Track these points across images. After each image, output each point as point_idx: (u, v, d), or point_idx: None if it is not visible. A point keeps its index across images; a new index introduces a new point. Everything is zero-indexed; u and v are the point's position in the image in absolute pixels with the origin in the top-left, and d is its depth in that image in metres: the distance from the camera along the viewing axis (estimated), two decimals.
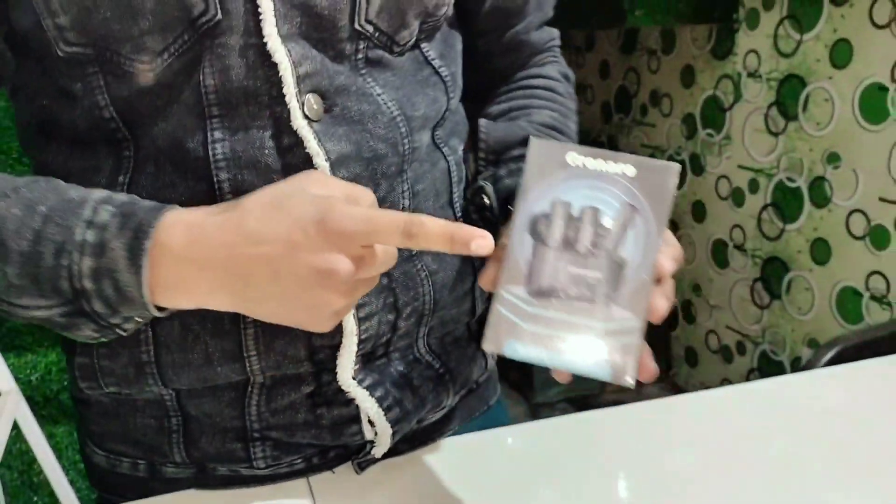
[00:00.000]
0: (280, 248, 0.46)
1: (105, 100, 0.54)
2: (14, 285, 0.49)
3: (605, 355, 0.46)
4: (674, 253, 0.50)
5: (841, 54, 1.91)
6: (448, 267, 0.65)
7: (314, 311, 0.47)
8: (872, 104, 1.84)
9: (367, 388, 0.61)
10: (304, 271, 0.46)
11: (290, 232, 0.45)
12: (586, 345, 0.46)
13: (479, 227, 0.45)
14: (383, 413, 0.61)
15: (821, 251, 2.06)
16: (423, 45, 0.62)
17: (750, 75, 2.23)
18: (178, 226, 0.48)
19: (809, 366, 1.27)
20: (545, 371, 0.47)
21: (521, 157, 0.63)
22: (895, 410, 0.74)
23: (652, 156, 2.74)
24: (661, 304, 0.47)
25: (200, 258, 0.47)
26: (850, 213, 1.95)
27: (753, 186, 2.28)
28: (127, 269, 0.47)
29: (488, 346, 0.46)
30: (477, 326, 0.72)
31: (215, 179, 0.54)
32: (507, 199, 0.63)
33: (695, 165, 2.53)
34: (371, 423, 0.62)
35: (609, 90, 2.97)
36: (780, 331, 2.23)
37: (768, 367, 2.32)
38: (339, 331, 0.58)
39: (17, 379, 1.52)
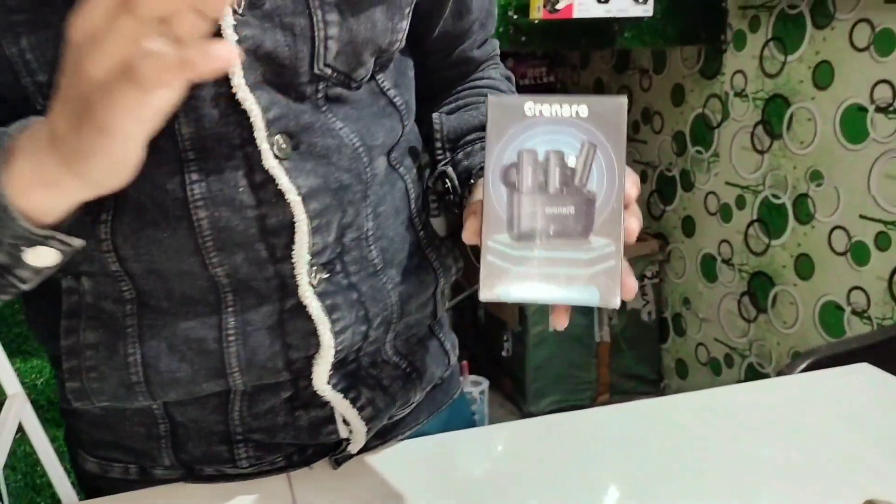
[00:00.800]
0: (68, 80, 0.41)
1: None
2: None
3: (592, 283, 0.49)
4: (634, 179, 0.53)
5: (823, 76, 1.98)
6: (412, 278, 0.70)
7: (107, 110, 0.39)
8: (853, 124, 1.91)
9: (341, 390, 0.66)
10: (73, 72, 0.40)
11: (67, 62, 0.41)
12: (573, 276, 0.49)
13: (441, 212, 0.48)
14: (357, 413, 0.67)
15: (804, 266, 2.12)
16: (378, 77, 0.67)
17: (737, 95, 2.29)
18: (33, 127, 0.46)
19: (785, 374, 1.33)
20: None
21: (475, 141, 0.69)
22: (847, 416, 0.80)
23: (643, 172, 2.80)
24: (633, 224, 0.51)
25: (43, 135, 0.44)
26: (832, 229, 2.01)
27: (740, 203, 2.34)
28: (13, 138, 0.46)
29: (484, 294, 0.50)
30: (439, 326, 0.78)
31: (194, 217, 0.58)
32: (467, 176, 0.67)
33: (685, 181, 2.59)
34: (346, 422, 0.68)
35: None
36: (766, 343, 2.29)
37: (755, 379, 2.36)
38: (314, 342, 0.63)
39: (22, 383, 1.57)
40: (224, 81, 0.55)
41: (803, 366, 1.36)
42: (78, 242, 0.50)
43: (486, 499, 0.65)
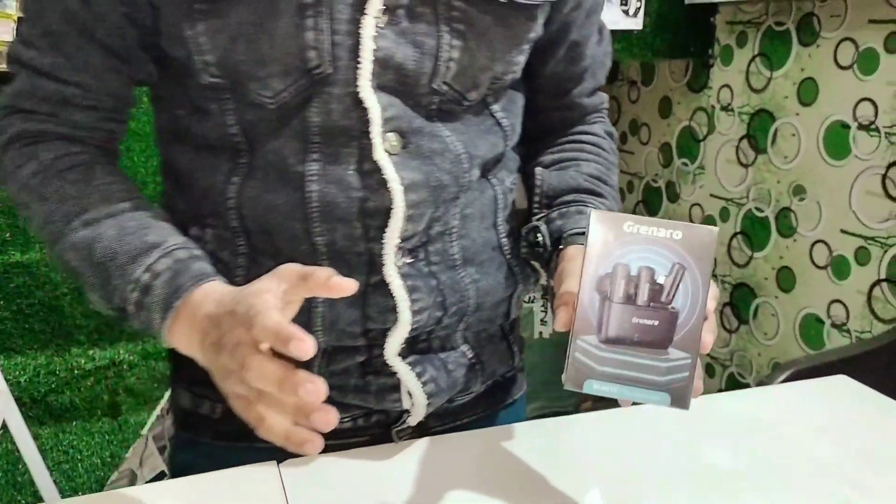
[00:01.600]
0: (216, 331, 0.58)
1: (233, 119, 0.69)
2: (94, 288, 0.66)
3: (666, 389, 0.56)
4: (714, 293, 0.59)
5: (807, 92, 2.02)
6: (490, 278, 0.77)
7: (222, 377, 0.58)
8: (836, 141, 1.95)
9: (409, 364, 0.73)
10: (214, 346, 0.58)
11: (221, 319, 0.59)
12: (649, 381, 0.56)
13: (530, 260, 0.60)
14: (420, 386, 0.74)
15: (786, 279, 2.16)
16: (489, 100, 0.75)
17: (723, 109, 2.33)
18: (200, 298, 0.61)
19: (765, 384, 1.36)
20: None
21: (570, 203, 0.77)
22: (825, 426, 0.82)
23: (630, 183, 2.84)
24: (708, 338, 0.57)
25: (195, 326, 0.61)
26: (814, 243, 2.05)
27: (724, 215, 2.37)
28: (158, 314, 0.62)
29: (569, 385, 0.57)
30: (510, 328, 0.85)
31: (307, 190, 0.68)
32: (558, 237, 0.74)
33: (670, 193, 2.62)
34: (409, 394, 0.74)
35: None
36: (747, 354, 2.32)
37: (735, 389, 2.40)
38: (391, 317, 0.71)
39: (6, 380, 1.57)
40: (352, 82, 0.65)
41: (783, 377, 1.39)
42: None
43: (469, 500, 0.67)
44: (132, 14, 0.67)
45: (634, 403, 0.60)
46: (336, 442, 0.75)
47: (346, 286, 0.54)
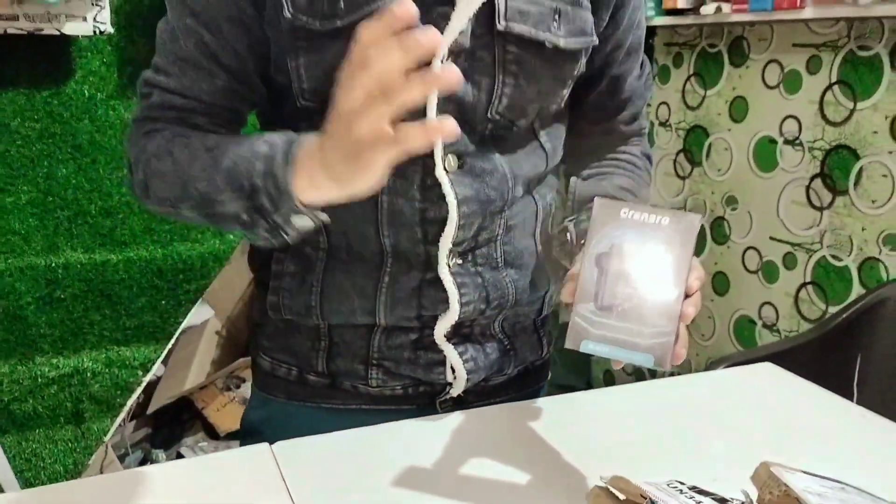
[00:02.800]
0: (336, 110, 0.59)
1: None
2: (219, 187, 0.72)
3: (649, 350, 0.65)
4: (698, 274, 0.68)
5: (738, 109, 2.18)
6: (527, 279, 0.88)
7: (348, 128, 0.59)
8: (764, 154, 2.10)
9: (454, 344, 0.85)
10: (339, 106, 0.59)
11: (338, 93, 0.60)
12: (636, 344, 0.64)
13: (561, 259, 0.69)
14: (462, 363, 0.86)
15: (721, 283, 2.31)
16: (535, 126, 0.85)
17: (661, 125, 2.48)
18: (313, 138, 0.66)
19: None
20: None
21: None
22: (751, 404, 0.94)
23: None
24: (690, 311, 0.66)
25: (315, 151, 0.65)
26: (746, 249, 2.20)
27: None
28: (281, 166, 0.67)
29: (569, 343, 0.65)
30: (541, 322, 0.95)
31: (379, 199, 0.80)
32: (583, 237, 0.83)
33: None
34: (452, 370, 0.86)
35: None
36: (687, 354, 2.46)
37: None
38: (442, 308, 0.83)
39: None
40: (421, 111, 0.75)
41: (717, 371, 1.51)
42: (324, 217, 0.71)
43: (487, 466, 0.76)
44: (252, 44, 0.79)
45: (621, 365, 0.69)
46: (389, 407, 0.88)
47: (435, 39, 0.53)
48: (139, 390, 2.02)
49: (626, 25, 0.88)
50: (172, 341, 1.82)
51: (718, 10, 1.96)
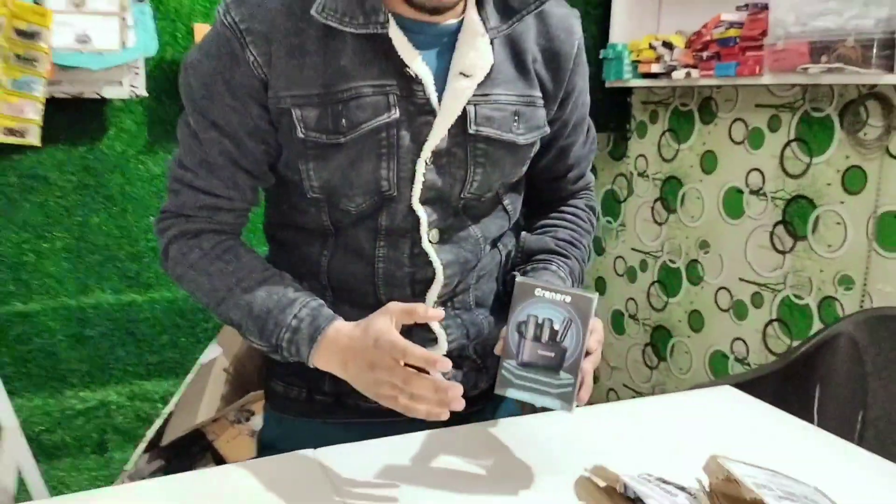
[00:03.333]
0: (361, 357, 0.86)
1: (326, 217, 0.98)
2: (250, 329, 0.94)
3: (557, 398, 0.85)
4: (598, 337, 0.88)
5: (708, 162, 2.39)
6: (494, 314, 1.06)
7: (374, 385, 0.86)
8: (732, 203, 2.31)
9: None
10: (367, 367, 0.86)
11: (366, 349, 0.86)
12: (547, 392, 0.85)
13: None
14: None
15: (696, 321, 2.50)
16: (499, 194, 1.03)
17: (640, 175, 2.69)
18: (333, 334, 0.89)
19: None
20: None
21: (541, 261, 1.06)
22: (709, 419, 1.12)
23: None
24: (588, 366, 0.86)
25: (335, 352, 0.89)
26: (718, 289, 2.39)
27: (643, 266, 2.71)
28: (306, 346, 0.90)
29: (498, 390, 0.86)
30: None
31: (376, 266, 0.98)
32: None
33: (597, 247, 2.96)
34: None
35: None
36: (667, 388, 2.64)
37: None
38: (432, 345, 1.00)
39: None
40: (408, 199, 0.95)
41: None
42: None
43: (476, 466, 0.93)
44: (268, 151, 0.96)
45: (536, 407, 0.89)
46: (384, 420, 1.00)
47: (435, 315, 0.86)
48: (158, 422, 2.17)
49: (571, 108, 1.05)
50: (189, 376, 1.98)
51: (688, 74, 2.19)
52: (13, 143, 1.70)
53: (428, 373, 0.85)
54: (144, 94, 1.91)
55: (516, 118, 0.98)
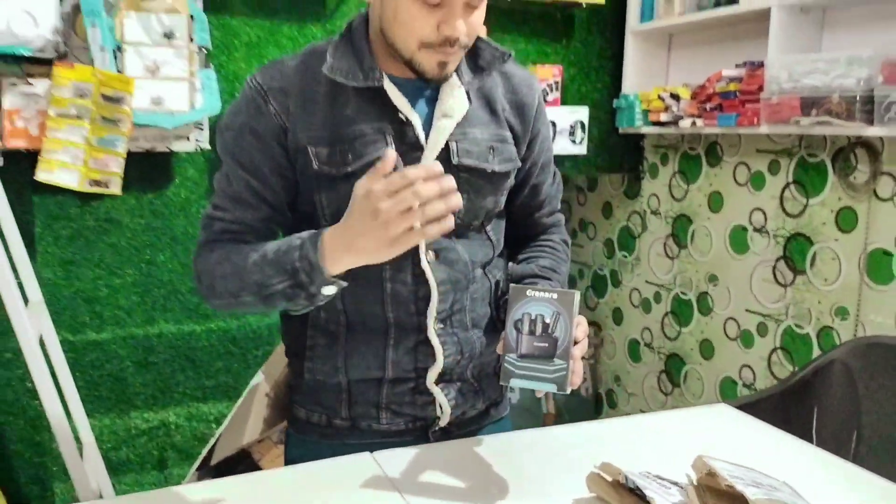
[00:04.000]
0: (361, 217, 0.95)
1: None
2: (269, 274, 1.03)
3: (553, 382, 1.00)
4: (583, 329, 1.05)
5: (715, 202, 2.59)
6: (488, 336, 1.22)
7: (385, 231, 0.93)
8: (738, 240, 2.50)
9: (441, 387, 1.19)
10: (371, 218, 0.94)
11: (359, 209, 0.95)
12: (544, 378, 1.00)
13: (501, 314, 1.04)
14: (447, 401, 1.19)
15: (707, 349, 2.67)
16: (484, 224, 1.21)
17: (652, 213, 2.89)
18: (330, 231, 0.99)
19: None
20: None
21: (529, 283, 1.21)
22: (704, 432, 1.30)
23: (580, 271, 3.36)
24: (577, 352, 1.02)
25: (339, 240, 0.98)
26: (726, 320, 2.58)
27: (657, 297, 2.90)
28: (311, 251, 1.00)
29: (502, 381, 1.01)
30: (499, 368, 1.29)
31: (384, 286, 1.14)
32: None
33: (614, 279, 3.15)
34: (440, 407, 1.20)
35: None
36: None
37: None
38: (431, 360, 1.16)
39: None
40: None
41: None
42: (344, 283, 1.02)
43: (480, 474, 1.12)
44: (287, 186, 1.14)
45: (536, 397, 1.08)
46: (394, 440, 1.20)
47: (391, 155, 0.94)
48: (212, 441, 2.38)
49: (538, 150, 1.26)
50: (242, 399, 2.20)
51: (694, 123, 2.40)
52: (98, 192, 1.94)
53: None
54: (207, 147, 2.15)
55: (491, 151, 1.17)
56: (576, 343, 1.03)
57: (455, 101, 1.14)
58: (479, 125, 1.17)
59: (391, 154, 0.95)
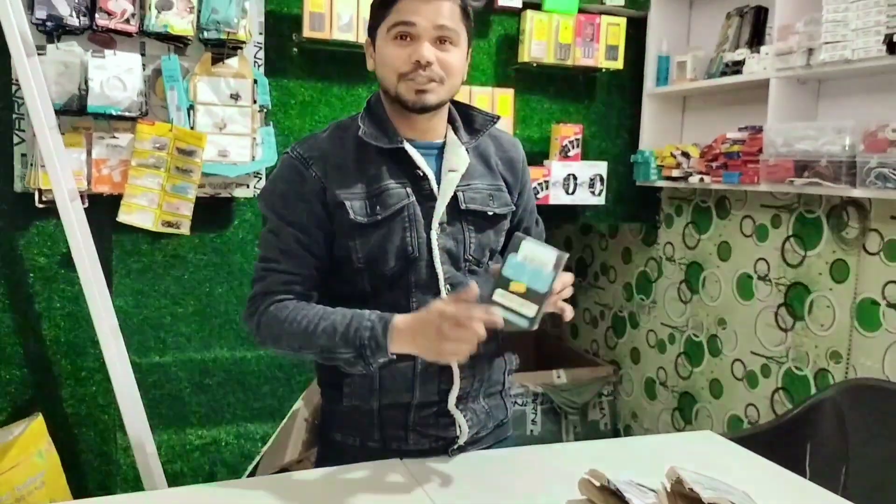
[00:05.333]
0: (428, 327, 1.16)
1: (367, 284, 1.35)
2: (337, 343, 1.23)
3: (526, 319, 1.14)
4: (569, 277, 1.23)
5: (724, 251, 2.79)
6: (494, 362, 1.42)
7: (438, 345, 1.15)
8: (744, 287, 2.70)
9: (460, 410, 1.38)
10: (435, 333, 1.15)
11: (430, 320, 1.16)
12: (519, 314, 1.14)
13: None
14: (466, 422, 1.38)
15: (716, 388, 2.86)
16: (488, 261, 1.40)
17: (668, 259, 3.10)
18: (401, 320, 1.20)
19: None
20: None
21: None
22: (689, 458, 1.51)
23: (602, 312, 3.57)
24: (565, 294, 1.24)
25: (405, 331, 1.19)
26: (734, 361, 2.76)
27: (672, 339, 3.10)
28: (382, 336, 1.20)
29: (486, 302, 1.14)
30: (506, 393, 1.49)
31: (410, 309, 1.31)
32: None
33: (632, 321, 3.36)
34: (459, 427, 1.39)
35: (571, 260, 3.86)
36: None
37: None
38: (451, 384, 1.35)
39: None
40: (429, 260, 1.33)
41: None
42: (394, 357, 1.22)
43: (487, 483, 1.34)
44: (327, 237, 1.33)
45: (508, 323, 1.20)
46: (417, 460, 1.38)
47: (473, 290, 1.16)
48: (257, 459, 2.63)
49: (526, 198, 1.51)
50: (284, 421, 2.44)
51: (702, 179, 2.62)
52: (170, 232, 2.22)
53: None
54: None
55: (491, 198, 1.40)
56: (560, 291, 1.22)
57: (457, 157, 1.37)
58: (479, 177, 1.40)
59: (474, 288, 1.17)
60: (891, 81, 2.15)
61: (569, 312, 1.26)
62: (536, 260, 1.16)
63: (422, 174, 1.34)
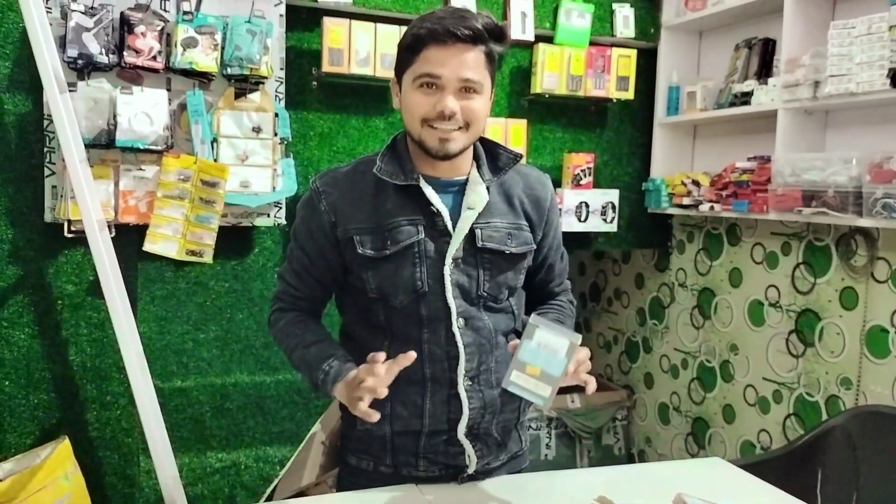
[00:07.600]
0: (353, 386, 1.26)
1: (383, 316, 1.41)
2: (303, 372, 1.40)
3: (539, 399, 1.22)
4: (585, 353, 1.27)
5: (735, 278, 2.83)
6: (507, 395, 1.36)
7: (350, 396, 1.25)
8: (756, 314, 2.74)
9: (469, 440, 1.42)
10: (356, 388, 1.25)
11: (353, 383, 1.27)
12: (534, 394, 1.23)
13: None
14: (475, 452, 1.43)
15: (729, 414, 2.88)
16: (509, 298, 1.45)
17: (680, 285, 3.14)
18: (342, 382, 1.30)
19: None
20: None
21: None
22: (696, 485, 1.54)
23: (615, 337, 3.61)
24: (582, 369, 1.27)
25: (341, 389, 1.30)
26: (746, 387, 2.79)
27: (685, 364, 3.13)
28: (329, 385, 1.32)
29: (503, 385, 1.24)
30: (520, 425, 1.54)
31: (422, 346, 1.37)
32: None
33: (645, 346, 3.39)
34: (469, 457, 1.43)
35: (584, 285, 3.90)
36: None
37: None
38: (461, 413, 1.39)
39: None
40: (441, 295, 1.37)
41: None
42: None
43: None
44: (331, 268, 1.44)
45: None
46: (431, 485, 1.44)
47: (378, 357, 1.27)
48: (275, 482, 2.67)
49: (552, 236, 1.53)
50: (302, 445, 2.48)
51: (712, 207, 2.67)
52: (193, 261, 2.30)
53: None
54: (283, 222, 2.51)
55: (509, 236, 1.43)
56: (578, 368, 1.26)
57: (477, 196, 1.40)
58: (499, 215, 1.43)
59: (380, 356, 1.28)
60: (895, 114, 2.20)
61: (591, 386, 1.29)
62: (550, 346, 1.23)
63: (436, 210, 1.39)
